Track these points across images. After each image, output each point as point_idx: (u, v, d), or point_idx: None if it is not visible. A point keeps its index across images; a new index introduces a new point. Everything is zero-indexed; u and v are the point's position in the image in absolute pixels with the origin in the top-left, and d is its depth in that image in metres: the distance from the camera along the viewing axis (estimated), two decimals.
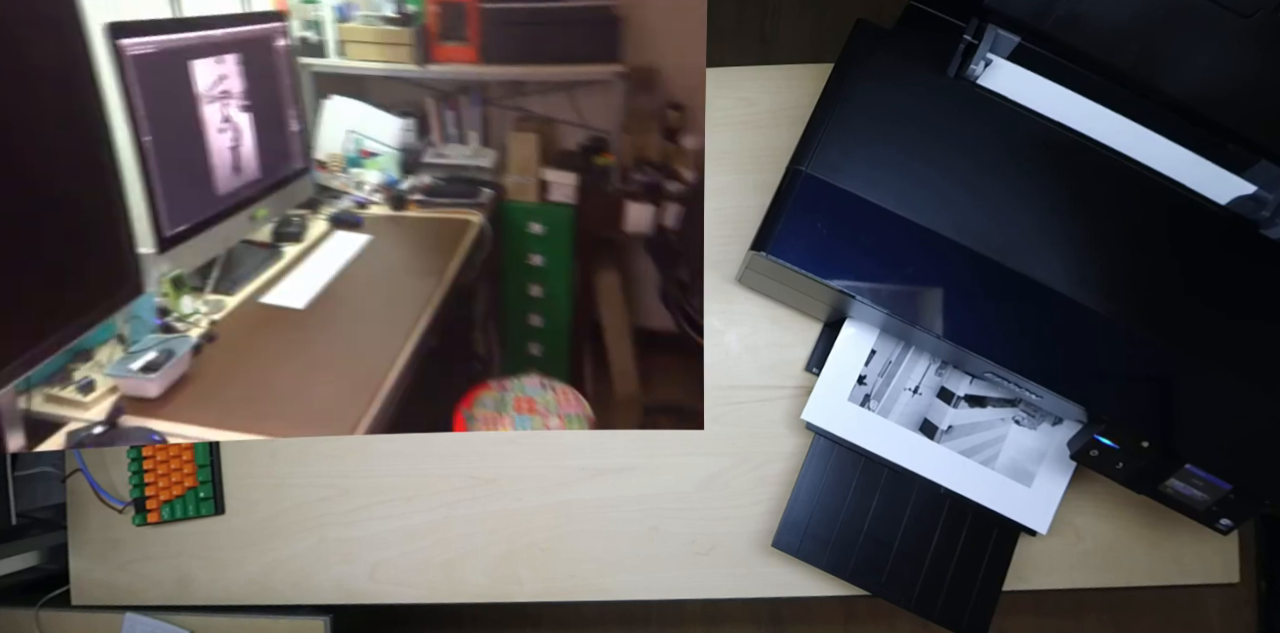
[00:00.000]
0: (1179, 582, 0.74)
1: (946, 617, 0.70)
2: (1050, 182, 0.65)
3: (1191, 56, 0.60)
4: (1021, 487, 0.71)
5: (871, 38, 0.68)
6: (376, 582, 0.78)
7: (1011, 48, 0.65)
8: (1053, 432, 0.72)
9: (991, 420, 0.72)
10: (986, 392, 0.73)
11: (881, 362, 0.73)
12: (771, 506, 0.76)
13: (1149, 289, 0.63)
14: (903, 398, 0.73)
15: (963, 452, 0.72)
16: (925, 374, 0.73)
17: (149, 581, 0.80)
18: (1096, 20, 0.61)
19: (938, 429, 0.72)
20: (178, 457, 0.79)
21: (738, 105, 0.81)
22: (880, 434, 0.72)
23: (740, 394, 0.77)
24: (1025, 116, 0.65)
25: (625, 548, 0.77)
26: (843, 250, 0.64)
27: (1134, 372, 0.62)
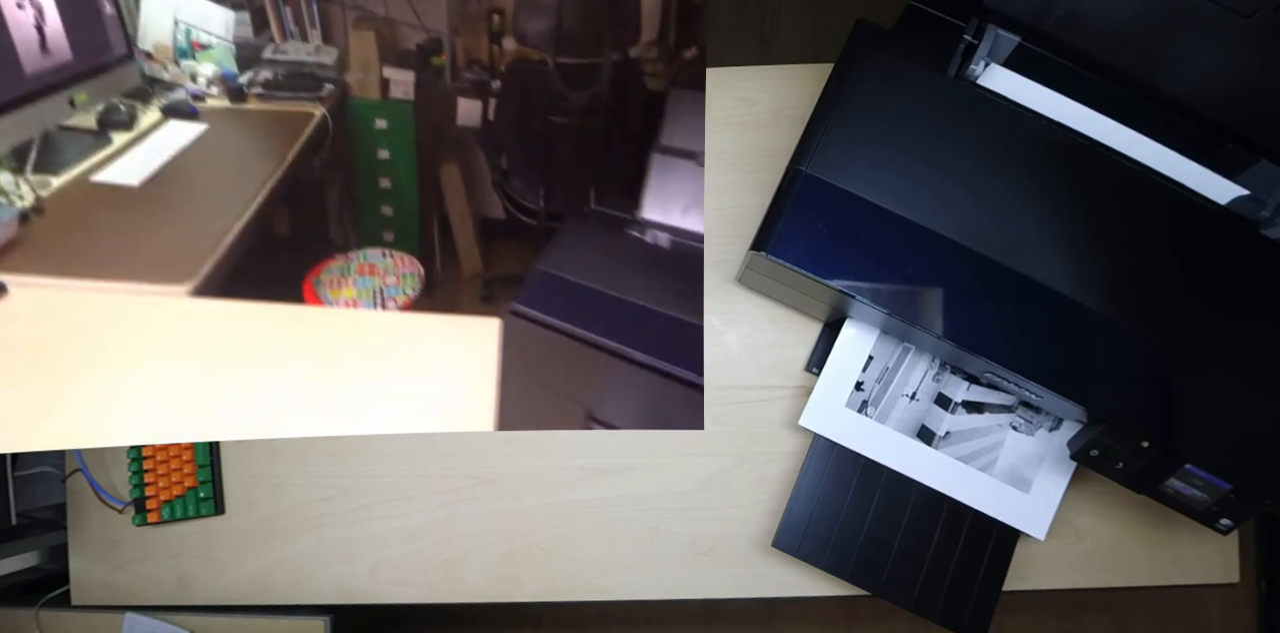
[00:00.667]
0: (1179, 582, 0.74)
1: (946, 617, 0.70)
2: (1050, 181, 0.65)
3: (1191, 56, 0.60)
4: (1019, 493, 0.71)
5: (871, 38, 0.68)
6: (376, 582, 0.78)
7: (1011, 48, 0.65)
8: (1050, 438, 0.72)
9: (989, 426, 0.72)
10: (984, 398, 0.73)
11: (879, 368, 0.73)
12: (771, 506, 0.76)
13: (1149, 289, 0.63)
14: (900, 404, 0.73)
15: (960, 458, 0.72)
16: (923, 380, 0.73)
17: (149, 581, 0.80)
18: (1096, 20, 0.61)
19: (935, 435, 0.72)
20: (178, 457, 0.79)
21: (738, 105, 0.81)
22: (878, 440, 0.72)
23: (740, 394, 0.77)
24: (1025, 116, 0.66)
25: (625, 548, 0.77)
26: (843, 250, 0.64)
27: (1134, 372, 0.62)
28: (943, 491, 0.71)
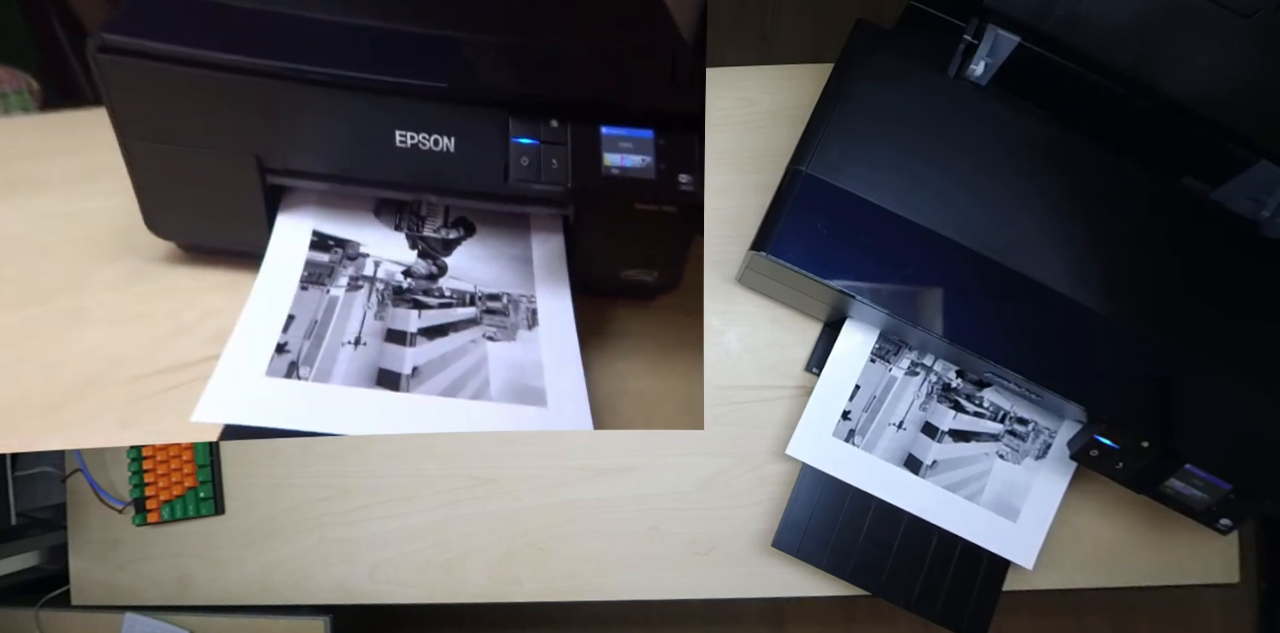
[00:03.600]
0: (1179, 582, 0.74)
1: (946, 617, 0.70)
2: (1050, 181, 0.65)
3: (1191, 57, 0.60)
4: (1007, 522, 0.70)
5: (871, 38, 0.68)
6: (376, 582, 0.78)
7: (1011, 48, 0.65)
8: (1036, 466, 0.71)
9: (976, 455, 0.72)
10: (970, 427, 0.72)
11: (866, 397, 0.72)
12: (771, 506, 0.76)
13: (1149, 289, 0.63)
14: (887, 433, 0.72)
15: (948, 487, 0.71)
16: (909, 409, 0.72)
17: (149, 581, 0.80)
18: (1096, 20, 0.61)
19: (923, 465, 0.71)
20: (178, 457, 0.79)
21: (738, 105, 0.81)
22: (865, 470, 0.71)
23: (740, 394, 0.77)
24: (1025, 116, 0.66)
25: (625, 548, 0.77)
26: (842, 250, 0.64)
27: (1134, 372, 0.62)
28: (931, 520, 0.70)
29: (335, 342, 0.60)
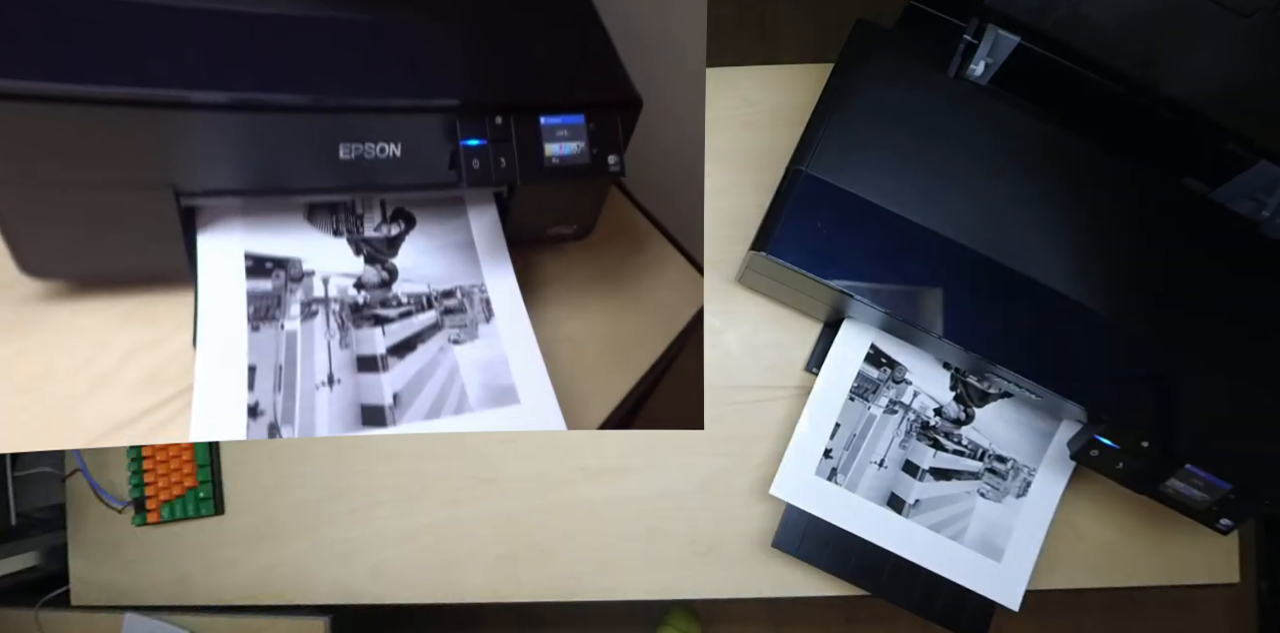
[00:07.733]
0: (1179, 582, 0.74)
1: (946, 617, 0.70)
2: (1050, 181, 0.65)
3: (1192, 57, 0.60)
4: (992, 562, 0.70)
5: (871, 38, 0.68)
6: (376, 582, 0.78)
7: (1011, 48, 0.65)
8: (1018, 505, 0.71)
9: (957, 494, 0.71)
10: (951, 465, 0.71)
11: (846, 435, 0.72)
12: (771, 505, 0.76)
13: (1149, 289, 0.63)
14: (869, 471, 0.71)
15: (931, 526, 0.70)
16: (890, 447, 0.72)
17: (149, 581, 0.80)
18: (1097, 20, 0.61)
19: (905, 503, 0.71)
20: (177, 457, 0.79)
21: (738, 105, 0.81)
22: (849, 510, 0.70)
23: (740, 394, 0.77)
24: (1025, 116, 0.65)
25: (625, 548, 0.77)
26: (842, 250, 0.64)
27: (1134, 372, 0.62)
28: (915, 561, 0.69)
29: (308, 386, 0.54)
